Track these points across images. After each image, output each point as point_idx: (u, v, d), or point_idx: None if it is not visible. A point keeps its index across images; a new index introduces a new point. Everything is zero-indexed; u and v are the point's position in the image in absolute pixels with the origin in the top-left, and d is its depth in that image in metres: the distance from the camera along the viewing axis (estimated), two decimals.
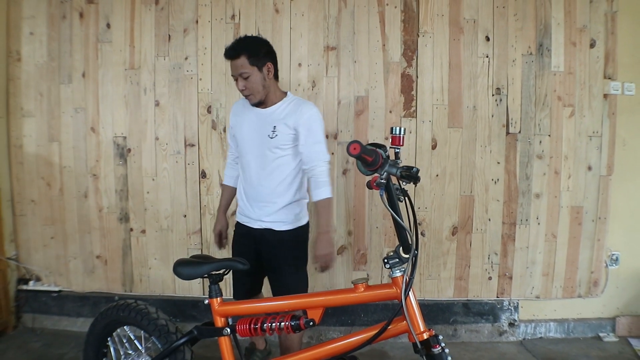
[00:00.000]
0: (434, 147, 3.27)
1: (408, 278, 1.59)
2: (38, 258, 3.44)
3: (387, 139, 3.21)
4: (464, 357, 3.10)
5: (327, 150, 2.36)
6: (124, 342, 2.19)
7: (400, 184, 1.60)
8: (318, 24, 3.23)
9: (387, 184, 1.56)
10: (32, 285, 3.45)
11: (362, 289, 1.71)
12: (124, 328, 2.17)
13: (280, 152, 2.33)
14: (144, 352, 2.18)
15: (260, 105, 2.37)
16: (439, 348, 1.54)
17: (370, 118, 3.26)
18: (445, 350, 1.56)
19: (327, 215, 2.31)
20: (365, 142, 2.18)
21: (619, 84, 3.25)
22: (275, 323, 1.80)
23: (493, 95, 3.25)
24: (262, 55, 2.29)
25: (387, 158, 1.56)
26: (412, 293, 1.61)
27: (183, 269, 1.95)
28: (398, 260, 1.62)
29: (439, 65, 3.24)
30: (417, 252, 1.60)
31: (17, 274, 3.45)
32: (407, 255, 1.60)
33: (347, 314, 3.32)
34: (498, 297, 3.37)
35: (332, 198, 2.34)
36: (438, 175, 3.29)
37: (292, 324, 1.78)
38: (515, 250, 3.33)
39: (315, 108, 2.37)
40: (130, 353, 2.18)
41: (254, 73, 2.26)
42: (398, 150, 1.61)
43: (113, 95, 3.31)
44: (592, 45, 3.23)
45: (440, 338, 1.59)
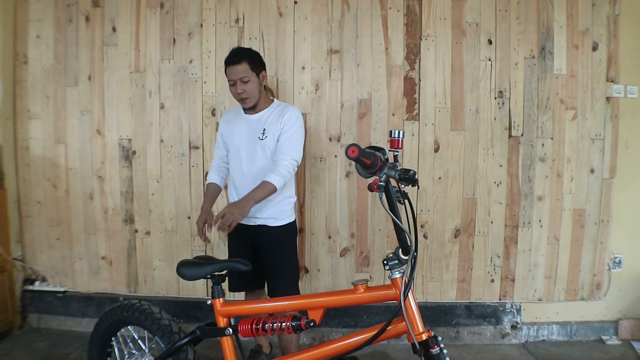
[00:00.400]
0: (437, 149, 3.28)
1: (407, 279, 1.61)
2: (44, 259, 3.48)
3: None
4: (466, 359, 3.11)
5: (300, 151, 2.48)
6: (128, 342, 2.22)
7: (400, 187, 1.62)
8: (321, 28, 3.25)
9: (386, 186, 1.58)
10: (37, 286, 3.49)
11: (361, 290, 1.73)
12: (128, 328, 2.19)
13: (270, 151, 2.49)
14: (148, 351, 2.20)
15: (251, 111, 2.54)
16: (437, 349, 1.55)
17: (373, 121, 3.28)
18: (444, 351, 1.57)
19: (261, 193, 2.32)
20: (368, 144, 2.19)
21: (622, 87, 3.24)
22: (277, 323, 1.82)
23: (495, 98, 3.26)
24: (259, 64, 2.50)
25: (385, 161, 1.58)
26: (411, 294, 1.63)
27: (186, 270, 1.98)
28: (397, 262, 1.64)
29: (442, 69, 3.26)
30: (416, 253, 1.62)
31: (23, 275, 3.49)
32: (406, 257, 1.62)
33: (349, 316, 3.33)
34: (500, 299, 3.37)
35: (274, 189, 2.34)
36: (440, 178, 3.30)
37: (293, 325, 1.80)
38: (518, 253, 3.33)
39: (298, 111, 2.54)
40: (134, 353, 2.20)
41: (253, 78, 2.45)
42: (397, 153, 1.63)
43: (118, 98, 3.35)
44: (594, 48, 3.24)
45: (440, 339, 1.60)
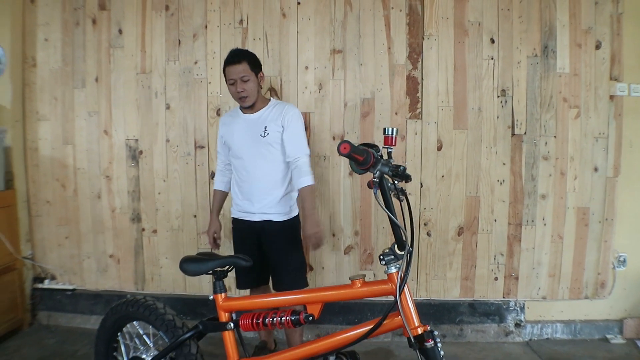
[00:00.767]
0: (440, 148, 3.30)
1: (403, 274, 1.64)
2: (53, 257, 3.54)
3: None
4: (470, 356, 3.12)
5: (307, 145, 2.64)
6: (134, 337, 2.26)
7: (395, 184, 1.64)
8: (324, 28, 3.28)
9: (380, 182, 1.60)
10: (47, 284, 3.55)
11: (358, 285, 1.75)
12: (133, 324, 2.24)
13: (272, 148, 2.59)
14: (153, 346, 2.24)
15: (249, 111, 2.64)
16: (432, 342, 1.57)
17: (376, 120, 3.31)
18: (438, 345, 1.58)
19: (311, 200, 2.55)
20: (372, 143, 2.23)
21: (625, 86, 3.23)
22: (277, 318, 1.86)
23: (498, 97, 3.27)
24: (257, 65, 2.62)
25: (379, 157, 1.61)
26: (407, 289, 1.65)
27: (188, 266, 2.03)
28: (393, 257, 1.66)
29: (444, 68, 3.27)
30: (411, 249, 1.64)
31: (32, 273, 3.56)
32: (401, 252, 1.64)
33: (353, 313, 3.36)
34: (504, 297, 3.37)
35: (314, 185, 2.60)
36: (444, 176, 3.31)
37: (292, 319, 1.83)
38: (522, 251, 3.34)
39: (297, 109, 2.68)
40: (140, 348, 2.25)
41: (252, 78, 2.56)
42: (390, 150, 1.66)
43: (125, 99, 3.40)
44: (597, 47, 3.23)
45: (436, 334, 1.61)
